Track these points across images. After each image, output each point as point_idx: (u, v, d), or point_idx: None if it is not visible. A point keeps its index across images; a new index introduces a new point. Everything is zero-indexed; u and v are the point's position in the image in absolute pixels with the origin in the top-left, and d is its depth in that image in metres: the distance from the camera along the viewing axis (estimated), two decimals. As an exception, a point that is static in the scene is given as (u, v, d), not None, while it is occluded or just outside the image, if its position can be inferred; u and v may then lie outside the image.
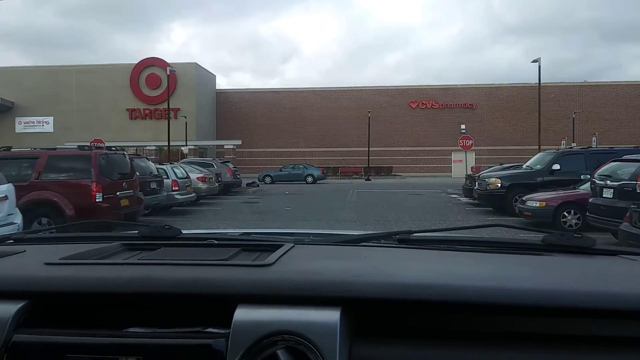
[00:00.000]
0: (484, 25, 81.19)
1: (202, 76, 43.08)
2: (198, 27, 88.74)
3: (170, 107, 41.96)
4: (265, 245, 1.28)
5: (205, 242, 1.39)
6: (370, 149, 41.90)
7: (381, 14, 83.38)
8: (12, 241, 1.47)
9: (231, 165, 25.04)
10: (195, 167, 21.30)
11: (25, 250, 1.28)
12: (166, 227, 1.44)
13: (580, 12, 73.38)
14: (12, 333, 0.93)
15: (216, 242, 1.38)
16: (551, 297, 0.92)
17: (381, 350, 0.90)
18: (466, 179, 18.22)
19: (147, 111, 42.40)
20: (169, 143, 31.44)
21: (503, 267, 1.14)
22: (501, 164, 21.19)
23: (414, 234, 1.43)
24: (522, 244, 1.39)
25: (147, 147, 41.03)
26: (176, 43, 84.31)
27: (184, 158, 40.01)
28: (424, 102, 45.30)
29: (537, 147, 45.98)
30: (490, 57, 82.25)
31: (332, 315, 0.90)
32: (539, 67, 26.26)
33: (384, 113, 45.35)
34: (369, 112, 39.70)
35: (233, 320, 0.91)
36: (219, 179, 21.69)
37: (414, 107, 45.44)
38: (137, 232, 1.49)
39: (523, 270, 1.12)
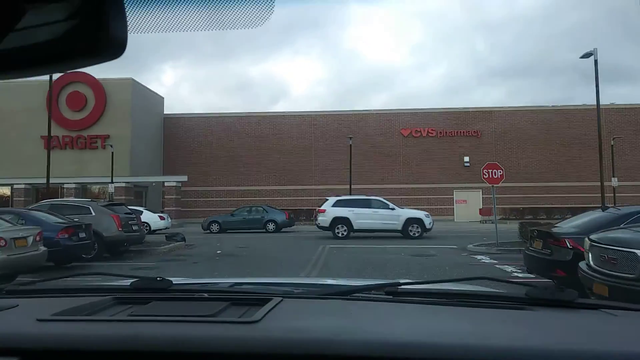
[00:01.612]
0: (469, 68, 79.86)
1: (143, 96, 34.36)
2: (187, 69, 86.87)
3: (98, 134, 33.01)
4: (254, 300, 1.29)
5: (195, 295, 1.41)
6: (354, 186, 33.13)
7: (367, 56, 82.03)
8: (5, 293, 1.50)
9: (136, 210, 15.65)
10: (46, 215, 12.33)
11: (17, 305, 1.29)
12: (158, 278, 1.46)
13: (561, 56, 73.80)
14: None
15: (206, 295, 1.39)
16: (530, 355, 0.93)
17: None
18: (533, 237, 9.25)
19: (67, 139, 33.29)
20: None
21: (486, 323, 1.16)
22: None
23: (402, 286, 1.46)
24: (507, 297, 1.42)
25: (66, 185, 31.70)
26: (166, 84, 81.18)
27: (111, 199, 30.77)
28: (418, 130, 36.95)
29: (564, 183, 37.65)
30: (475, 99, 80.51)
31: None
32: (596, 63, 17.95)
33: (369, 143, 36.81)
34: (350, 137, 31.08)
35: None
36: (87, 233, 12.55)
37: (406, 135, 37.03)
38: (129, 284, 1.49)
39: (505, 326, 1.14)
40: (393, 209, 21.43)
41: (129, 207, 28.62)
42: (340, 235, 20.85)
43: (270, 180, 37.24)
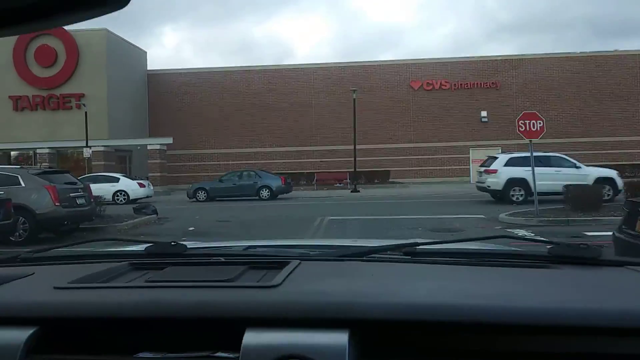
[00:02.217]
0: (477, 24, 75.03)
1: (121, 50, 30.67)
2: (189, 31, 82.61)
3: (72, 92, 29.56)
4: (271, 262, 1.29)
5: (212, 259, 1.39)
6: (359, 146, 29.77)
7: (372, 14, 76.99)
8: (20, 260, 1.49)
9: (65, 178, 12.12)
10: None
11: (34, 273, 1.29)
12: (172, 243, 1.44)
13: (573, 9, 68.92)
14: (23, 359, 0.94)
15: (223, 259, 1.38)
16: (559, 315, 0.93)
17: None
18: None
19: (37, 99, 29.88)
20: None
21: (509, 283, 1.14)
22: None
23: (420, 246, 1.44)
24: (529, 256, 1.40)
25: (38, 150, 28.52)
26: (167, 47, 77.06)
27: (89, 164, 27.64)
28: (430, 82, 33.15)
29: (593, 138, 33.12)
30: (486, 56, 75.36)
31: (340, 338, 0.91)
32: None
33: (376, 97, 33.15)
34: (354, 90, 27.44)
35: (242, 345, 0.91)
36: (4, 210, 9.42)
37: (416, 88, 33.27)
38: (143, 249, 1.49)
39: (530, 286, 1.12)
40: (579, 167, 17.58)
41: (102, 173, 25.68)
42: (516, 200, 16.91)
43: (267, 142, 33.87)
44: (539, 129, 13.66)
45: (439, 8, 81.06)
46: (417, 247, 1.43)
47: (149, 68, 34.65)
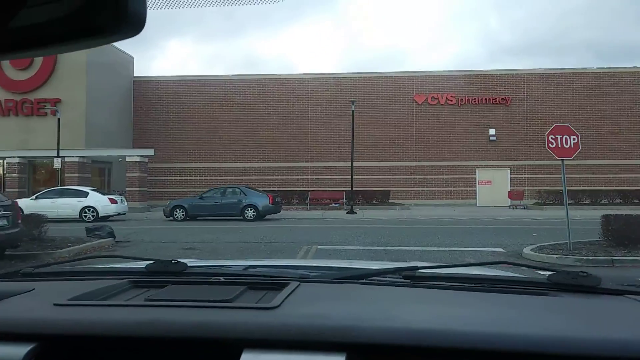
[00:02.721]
0: (480, 46, 73.63)
1: (104, 54, 28.52)
2: (195, 45, 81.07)
3: (47, 97, 27.29)
4: (271, 283, 1.29)
5: (211, 279, 1.40)
6: (356, 163, 27.45)
7: (377, 34, 75.69)
8: (20, 276, 1.49)
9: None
10: None
11: (34, 289, 1.28)
12: (173, 261, 1.45)
13: (575, 34, 68.18)
14: None
15: (222, 279, 1.39)
16: (557, 343, 0.92)
17: None
18: None
19: (10, 104, 27.59)
20: None
21: (508, 310, 1.14)
22: None
23: (420, 270, 1.44)
24: (528, 283, 1.40)
25: (8, 160, 26.16)
26: (173, 61, 75.42)
27: (61, 176, 25.24)
28: (435, 96, 30.92)
29: (610, 161, 31.13)
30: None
31: None
32: None
33: (376, 111, 30.89)
34: (352, 101, 25.11)
35: None
36: None
37: (420, 102, 31.03)
38: (144, 266, 1.48)
39: (528, 313, 1.12)
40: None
41: (69, 187, 23.14)
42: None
43: (258, 156, 31.52)
44: (572, 145, 11.27)
45: (442, 30, 79.64)
46: (417, 271, 1.44)
47: (135, 74, 32.42)
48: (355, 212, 23.79)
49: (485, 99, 30.59)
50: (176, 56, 78.20)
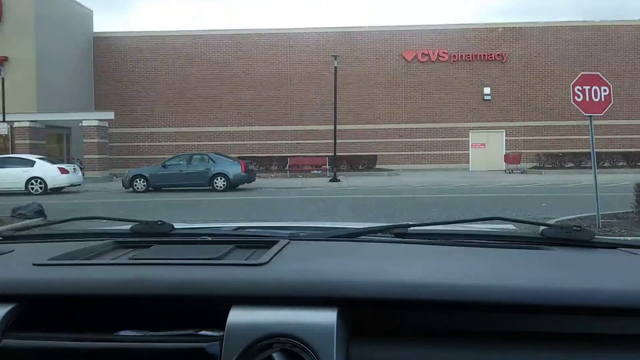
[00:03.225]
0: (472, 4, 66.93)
1: (55, 6, 25.34)
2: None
3: (-7, 55, 24.30)
4: (259, 242, 1.27)
5: (198, 238, 1.37)
6: (340, 126, 25.11)
7: None
8: (1, 238, 1.44)
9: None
10: None
11: (13, 250, 1.26)
12: (159, 222, 1.42)
13: None
14: (0, 337, 0.92)
15: (210, 238, 1.36)
16: (550, 295, 0.91)
17: (379, 350, 0.90)
18: None
19: (-51, 62, 24.49)
20: None
21: (502, 263, 1.14)
22: None
23: (412, 228, 1.43)
24: (522, 237, 1.40)
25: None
26: (138, 15, 68.35)
27: (9, 143, 22.55)
28: (425, 52, 28.38)
29: (610, 121, 28.38)
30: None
31: (328, 317, 0.89)
32: None
33: (361, 70, 28.35)
34: (335, 56, 22.47)
35: (227, 323, 0.89)
36: None
37: (409, 59, 28.48)
38: (129, 228, 1.44)
39: (522, 266, 1.11)
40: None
41: (12, 155, 20.60)
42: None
43: (234, 120, 28.94)
44: (603, 99, 9.05)
45: None
46: (409, 228, 1.42)
47: (95, 30, 29.28)
48: (339, 180, 21.59)
49: (480, 55, 28.15)
50: (143, 10, 72.37)
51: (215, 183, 18.19)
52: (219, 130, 28.74)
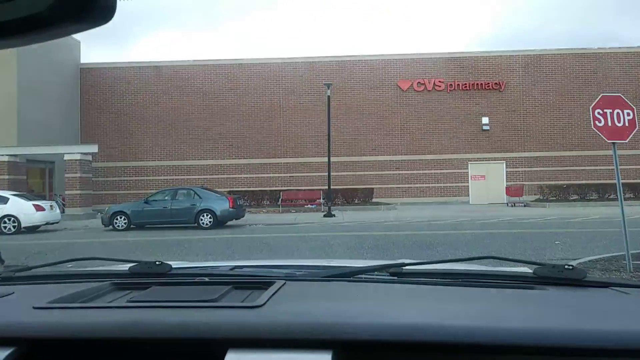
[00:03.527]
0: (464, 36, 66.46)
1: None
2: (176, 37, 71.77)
3: (-27, 87, 23.33)
4: (256, 282, 1.27)
5: (196, 279, 1.37)
6: (335, 158, 24.13)
7: (357, 14, 68.38)
8: (0, 280, 1.46)
9: None
10: None
11: (13, 292, 1.27)
12: (157, 262, 1.43)
13: (555, 25, 62.41)
14: None
15: (207, 279, 1.36)
16: (543, 336, 0.92)
17: None
18: None
19: None
20: None
21: (495, 304, 1.15)
22: None
23: (406, 267, 1.45)
24: (515, 277, 1.41)
25: None
26: (128, 47, 67.41)
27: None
28: (421, 82, 27.69)
29: (625, 151, 28.12)
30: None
31: (323, 359, 0.89)
32: None
33: (356, 100, 27.59)
34: (328, 85, 21.67)
35: None
36: None
37: (405, 89, 27.77)
38: (127, 268, 1.45)
39: (515, 306, 1.13)
40: None
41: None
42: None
43: (224, 152, 27.95)
44: (627, 123, 8.08)
45: (421, 11, 74.24)
46: (404, 267, 1.44)
47: (82, 61, 28.52)
48: (334, 215, 20.46)
49: (477, 84, 27.47)
50: (131, 41, 71.99)
51: (201, 220, 17.03)
52: (210, 163, 27.70)
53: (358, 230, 15.55)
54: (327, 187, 21.81)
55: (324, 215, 20.50)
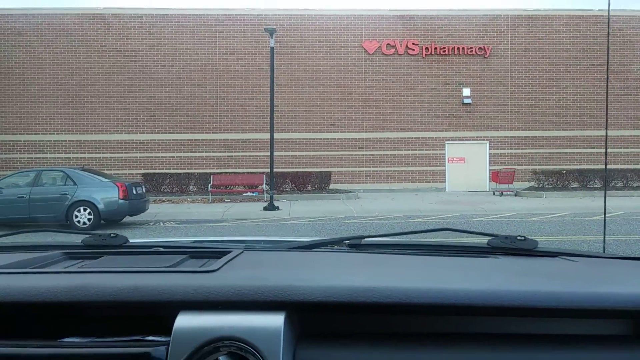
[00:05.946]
0: None
1: None
2: None
3: None
4: (213, 252, 1.26)
5: (151, 249, 1.34)
6: (280, 135, 18.95)
7: None
8: None
9: None
10: None
11: None
12: (112, 235, 1.41)
13: None
14: None
15: (163, 249, 1.35)
16: (492, 296, 0.94)
17: (325, 353, 0.91)
18: None
19: None
20: None
21: (448, 269, 1.16)
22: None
23: (365, 239, 1.47)
24: (469, 247, 1.45)
25: None
26: None
27: None
28: (391, 44, 22.67)
29: (617, 131, 22.48)
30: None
31: (275, 320, 0.90)
32: None
33: (311, 64, 22.37)
34: (272, 32, 16.23)
35: (174, 327, 0.90)
36: None
37: (371, 52, 22.66)
38: (81, 240, 1.42)
39: (466, 271, 1.14)
40: None
41: None
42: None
43: (145, 125, 22.23)
44: None
45: None
46: (363, 239, 1.45)
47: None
48: (277, 208, 15.32)
49: (458, 48, 22.67)
50: None
51: (76, 217, 11.55)
52: (125, 138, 21.91)
53: (307, 230, 10.67)
54: (269, 169, 16.56)
55: (264, 208, 15.32)
